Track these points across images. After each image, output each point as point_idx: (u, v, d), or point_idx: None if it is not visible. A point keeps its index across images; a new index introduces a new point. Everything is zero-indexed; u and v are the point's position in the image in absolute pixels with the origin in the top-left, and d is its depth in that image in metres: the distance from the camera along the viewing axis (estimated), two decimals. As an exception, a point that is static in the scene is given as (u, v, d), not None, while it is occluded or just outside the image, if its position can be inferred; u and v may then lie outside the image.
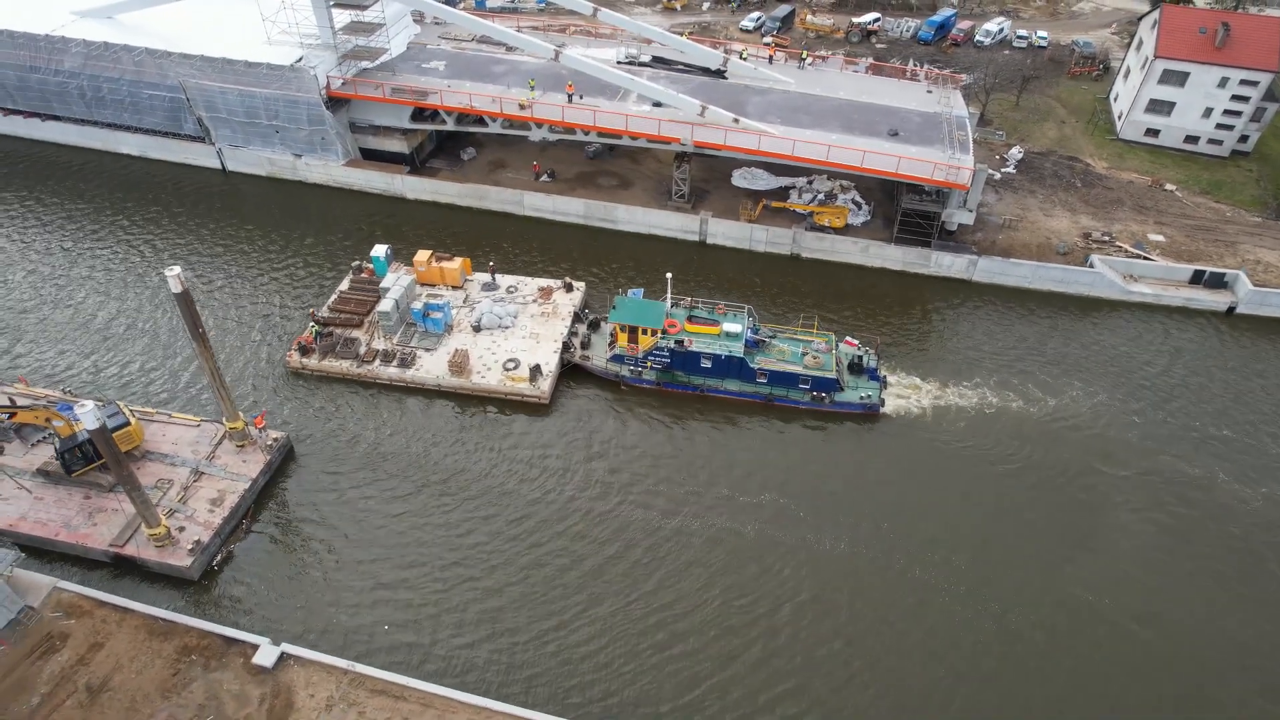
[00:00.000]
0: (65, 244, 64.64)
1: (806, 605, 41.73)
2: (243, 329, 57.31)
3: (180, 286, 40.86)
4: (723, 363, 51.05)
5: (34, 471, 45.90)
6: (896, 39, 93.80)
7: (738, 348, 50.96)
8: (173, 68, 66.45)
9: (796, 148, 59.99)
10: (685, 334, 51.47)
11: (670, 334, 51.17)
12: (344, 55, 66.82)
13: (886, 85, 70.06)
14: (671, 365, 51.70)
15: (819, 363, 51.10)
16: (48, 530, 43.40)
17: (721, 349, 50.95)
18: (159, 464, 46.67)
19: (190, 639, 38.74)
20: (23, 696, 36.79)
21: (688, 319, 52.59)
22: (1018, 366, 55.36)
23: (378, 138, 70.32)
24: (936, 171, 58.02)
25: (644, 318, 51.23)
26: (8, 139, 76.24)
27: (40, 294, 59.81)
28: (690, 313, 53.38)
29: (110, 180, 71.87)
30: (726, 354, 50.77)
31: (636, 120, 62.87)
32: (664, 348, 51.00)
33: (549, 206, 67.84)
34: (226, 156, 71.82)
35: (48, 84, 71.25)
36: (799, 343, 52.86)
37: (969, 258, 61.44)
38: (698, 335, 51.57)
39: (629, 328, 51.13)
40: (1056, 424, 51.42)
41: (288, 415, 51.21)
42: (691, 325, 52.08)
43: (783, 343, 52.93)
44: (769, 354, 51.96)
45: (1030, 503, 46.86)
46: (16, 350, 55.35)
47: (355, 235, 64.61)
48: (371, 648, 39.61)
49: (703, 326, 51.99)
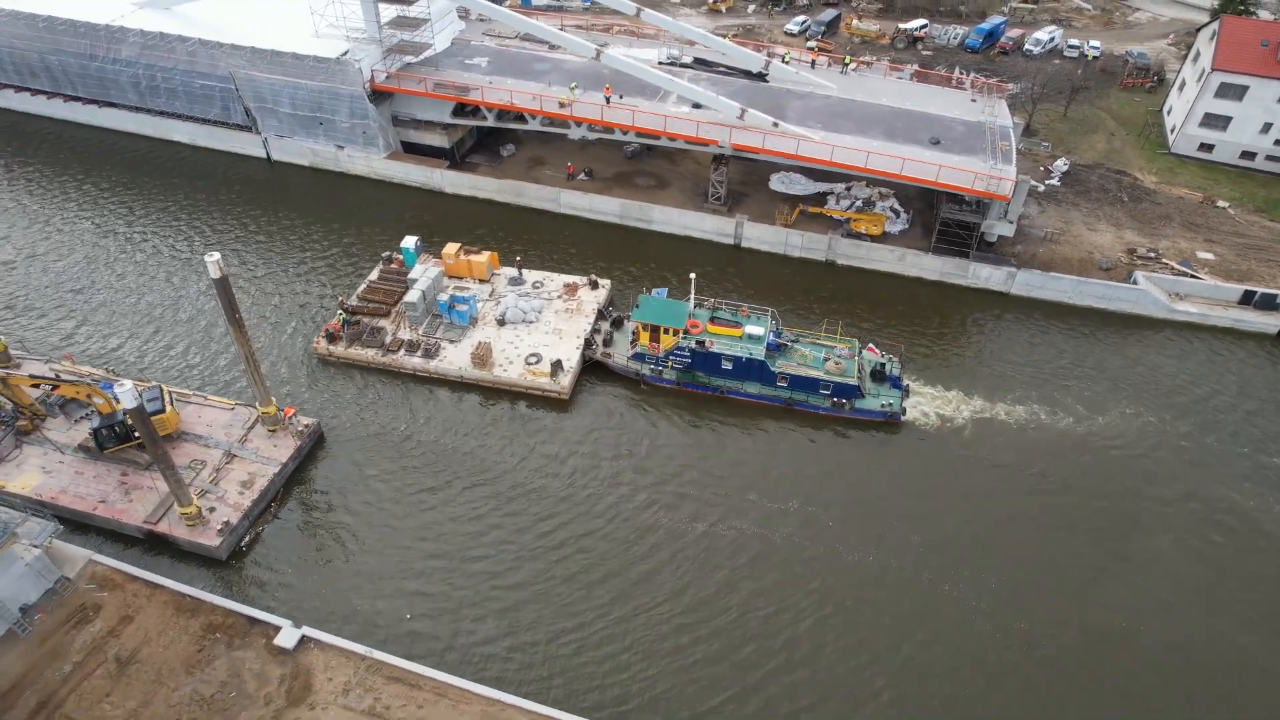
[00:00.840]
0: (117, 228, 66.55)
1: (831, 618, 41.13)
2: (278, 315, 58.48)
3: (219, 272, 41.82)
4: (743, 365, 50.91)
5: (75, 447, 47.36)
6: (943, 46, 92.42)
7: (759, 350, 50.77)
8: (224, 58, 68.08)
9: (835, 153, 59.44)
10: (707, 335, 51.42)
11: (692, 334, 51.13)
12: (389, 49, 67.82)
13: (930, 93, 69.10)
14: (692, 365, 51.67)
15: (840, 368, 50.71)
16: (86, 504, 44.72)
17: (743, 351, 50.80)
18: (193, 445, 47.82)
19: (216, 617, 39.64)
20: (56, 664, 37.98)
21: (710, 320, 52.52)
22: (1055, 382, 54.23)
23: (419, 132, 71.22)
24: (977, 181, 57.07)
25: (666, 317, 51.34)
26: (69, 124, 78.82)
27: (92, 276, 61.69)
28: (713, 314, 53.31)
29: (161, 167, 73.81)
30: (747, 356, 50.60)
31: (675, 121, 62.83)
32: (685, 348, 51.02)
33: (585, 205, 68.11)
34: (272, 146, 73.34)
35: (106, 72, 73.45)
36: (821, 348, 52.56)
37: (1008, 270, 60.34)
38: (719, 336, 51.52)
39: (651, 326, 51.30)
40: (1095, 442, 50.23)
41: (311, 400, 52.07)
42: (714, 326, 52.02)
43: (805, 347, 52.63)
44: (790, 358, 51.71)
45: (1065, 522, 45.81)
46: (67, 329, 57.12)
47: (393, 227, 65.39)
48: (390, 635, 40.09)
49: (725, 328, 51.90)
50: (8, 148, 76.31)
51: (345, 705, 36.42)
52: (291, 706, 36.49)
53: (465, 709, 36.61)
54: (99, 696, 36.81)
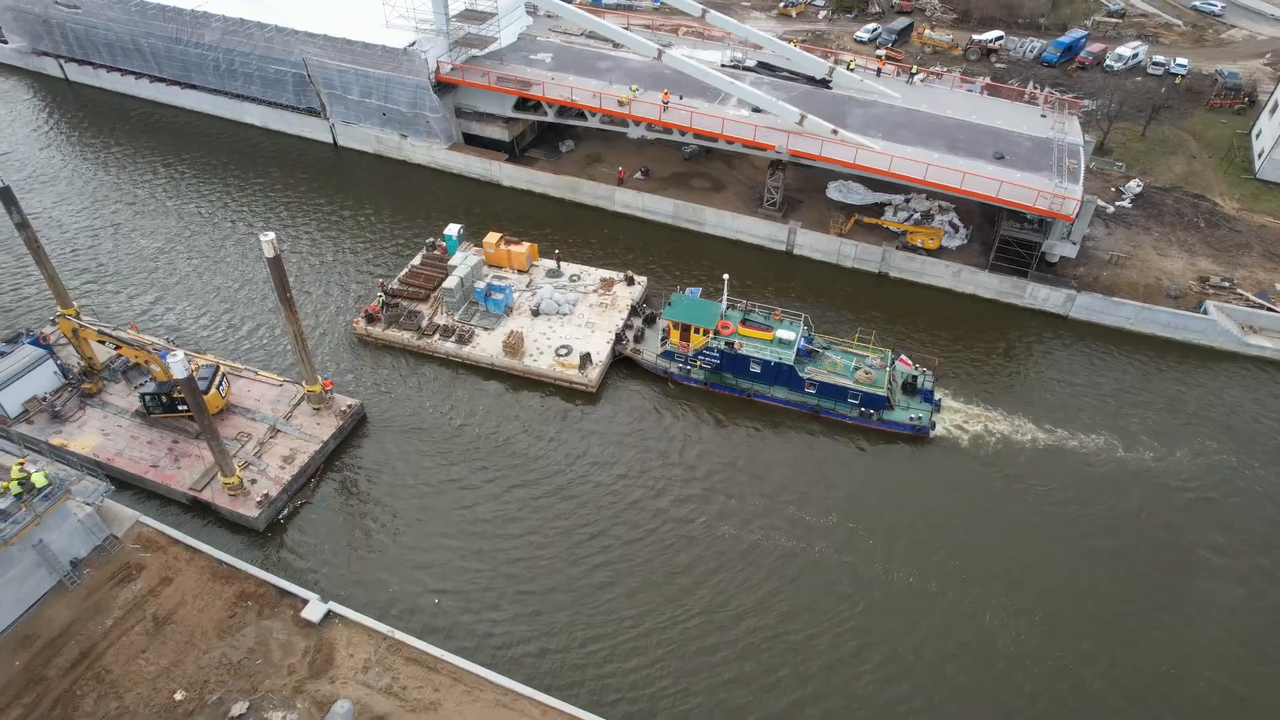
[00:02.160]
0: (193, 205, 69.34)
1: (871, 647, 39.96)
2: (326, 296, 60.25)
3: (272, 251, 43.14)
4: (772, 369, 50.47)
5: (133, 413, 49.46)
6: (1018, 59, 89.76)
7: (789, 355, 50.26)
8: (297, 45, 70.25)
9: (894, 164, 58.28)
10: (737, 336, 51.08)
11: (722, 335, 50.86)
12: (455, 42, 68.98)
13: (998, 106, 67.18)
14: (720, 367, 51.44)
15: (870, 378, 49.89)
16: (139, 468, 46.68)
17: (772, 355, 50.35)
18: (241, 418, 49.46)
19: (248, 586, 40.93)
20: (99, 617, 39.74)
21: (742, 322, 52.21)
22: (1110, 411, 52.20)
23: (481, 124, 72.31)
24: (1040, 199, 55.28)
25: (698, 316, 51.26)
26: (154, 104, 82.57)
27: (165, 250, 64.38)
28: (745, 316, 52.97)
29: (234, 147, 76.63)
30: (776, 360, 50.15)
31: (733, 124, 62.43)
32: (714, 348, 50.82)
33: (639, 204, 68.21)
34: (339, 132, 75.39)
35: (189, 55, 76.56)
36: (852, 356, 51.85)
37: (1067, 292, 58.27)
38: (749, 339, 51.17)
39: (682, 325, 51.29)
40: (1151, 477, 48.15)
41: (354, 381, 53.49)
42: (745, 329, 51.68)
43: (836, 355, 51.98)
44: (820, 365, 51.12)
45: (1113, 557, 44.01)
46: (138, 299, 59.81)
47: (447, 216, 66.19)
48: (415, 618, 40.76)
49: (756, 331, 51.56)
50: (105, 124, 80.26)
51: (364, 682, 37.22)
52: (313, 678, 37.45)
53: (480, 696, 37.05)
54: (135, 652, 38.39)
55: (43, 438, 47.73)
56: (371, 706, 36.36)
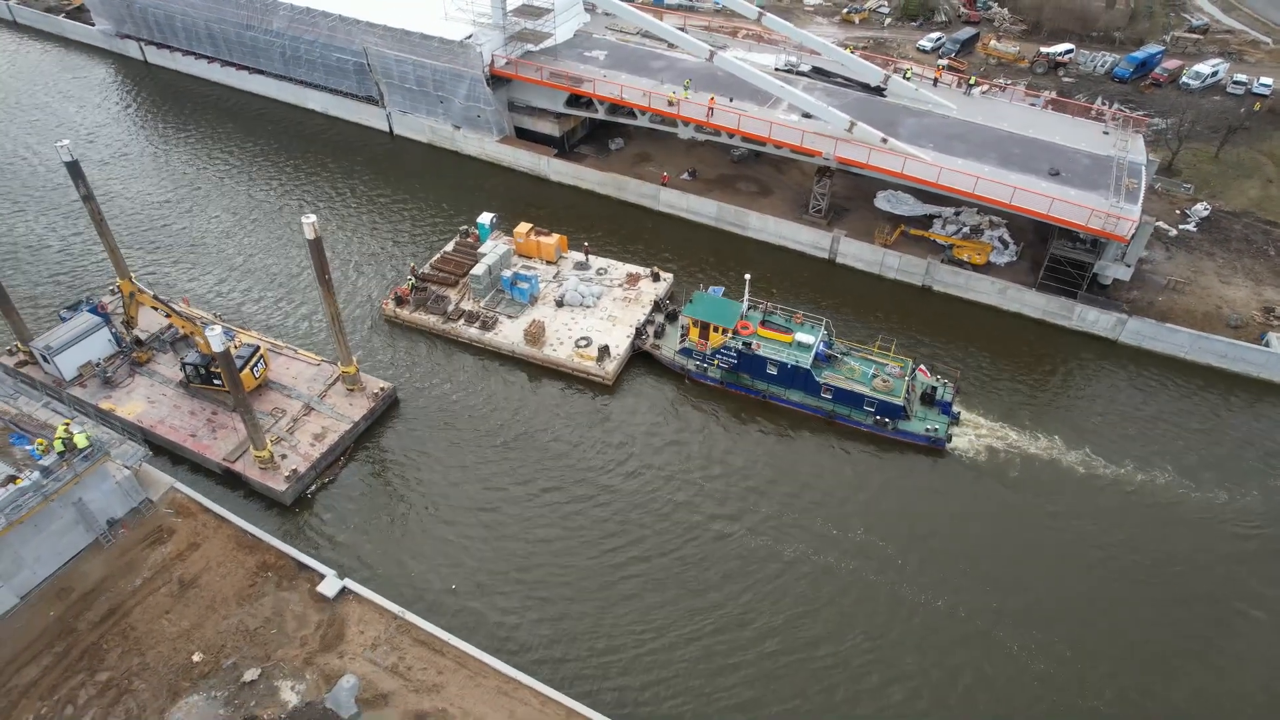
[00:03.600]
0: (253, 187, 71.70)
1: (899, 681, 38.79)
2: (363, 278, 61.82)
3: (313, 234, 44.29)
4: (788, 372, 50.05)
5: (177, 383, 51.36)
6: (1088, 74, 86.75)
7: (806, 359, 49.76)
8: (359, 34, 72.05)
9: (942, 175, 57.03)
10: (755, 337, 50.75)
11: (741, 335, 50.58)
12: (510, 36, 69.85)
13: (1057, 121, 65.15)
14: (737, 367, 51.22)
15: (888, 387, 49.03)
16: (178, 436, 48.46)
17: (789, 358, 49.90)
18: (278, 394, 50.94)
19: (270, 557, 42.16)
20: (129, 576, 41.44)
21: (761, 323, 51.82)
22: (1154, 442, 50.12)
23: (532, 119, 73.08)
24: (1093, 219, 53.42)
25: (717, 315, 51.20)
26: (224, 88, 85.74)
27: (225, 229, 66.88)
28: (765, 317, 52.54)
29: (296, 131, 79.03)
30: (793, 363, 49.71)
31: (780, 129, 61.84)
32: (732, 348, 50.61)
33: (683, 204, 68.08)
34: (395, 120, 77.04)
35: (258, 41, 79.23)
36: (871, 364, 51.04)
37: (1118, 316, 56.15)
38: (767, 340, 50.82)
39: (701, 323, 51.30)
40: (1194, 514, 46.10)
41: (375, 356, 54.84)
42: (764, 330, 51.31)
43: (855, 361, 51.28)
44: (838, 370, 50.48)
45: (1150, 593, 42.31)
46: (194, 273, 62.18)
47: (493, 208, 66.99)
48: (428, 602, 41.37)
49: (776, 333, 51.20)
50: (178, 105, 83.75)
51: (371, 659, 38.00)
52: (323, 651, 38.39)
53: (482, 683, 37.48)
54: (159, 612, 39.91)
55: (93, 401, 49.97)
56: (376, 684, 37.11)
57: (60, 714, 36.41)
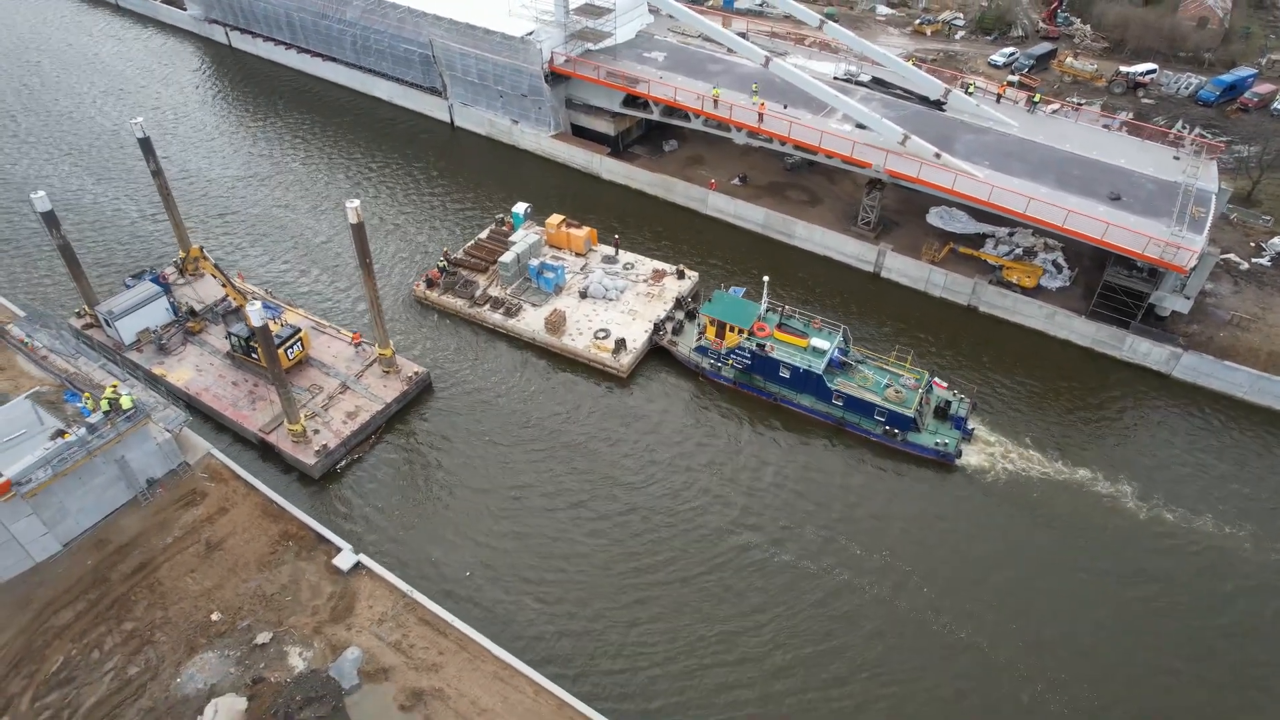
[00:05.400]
0: (317, 169, 74.40)
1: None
2: (402, 262, 63.55)
3: (356, 219, 45.73)
4: (800, 376, 49.82)
5: (224, 354, 53.65)
6: (1170, 96, 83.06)
7: (818, 364, 49.42)
8: (426, 26, 73.99)
9: (994, 194, 55.50)
10: (770, 340, 50.63)
11: (757, 336, 50.47)
12: (571, 34, 70.66)
13: (1123, 143, 62.62)
14: (751, 368, 51.25)
15: (900, 397, 48.30)
16: (219, 404, 50.64)
17: (802, 362, 49.63)
18: (317, 371, 52.74)
19: (293, 527, 43.75)
20: (161, 534, 43.57)
21: (778, 326, 51.56)
22: (1203, 484, 47.71)
23: (589, 116, 73.81)
24: (1150, 247, 51.25)
25: (735, 315, 51.42)
26: (300, 73, 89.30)
27: (288, 206, 69.60)
28: (783, 320, 52.30)
29: (362, 118, 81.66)
30: (805, 368, 49.43)
31: (831, 138, 61.08)
32: (746, 349, 50.64)
33: (730, 210, 67.85)
34: (456, 112, 78.85)
35: (332, 30, 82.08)
36: (886, 373, 50.39)
37: (1172, 350, 53.73)
38: (782, 344, 50.64)
39: (718, 322, 51.60)
40: (1248, 567, 43.76)
41: (419, 345, 56.34)
42: (781, 333, 51.07)
43: (869, 370, 50.63)
44: (851, 378, 49.95)
45: (1174, 643, 40.51)
46: (255, 251, 64.92)
47: (540, 201, 67.82)
48: (439, 584, 42.21)
49: (791, 337, 50.96)
50: (260, 89, 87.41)
51: (376, 634, 39.10)
52: (332, 622, 39.68)
53: (480, 667, 38.19)
54: (185, 571, 41.86)
55: (147, 366, 52.63)
56: (379, 658, 38.19)
57: (87, 657, 38.52)
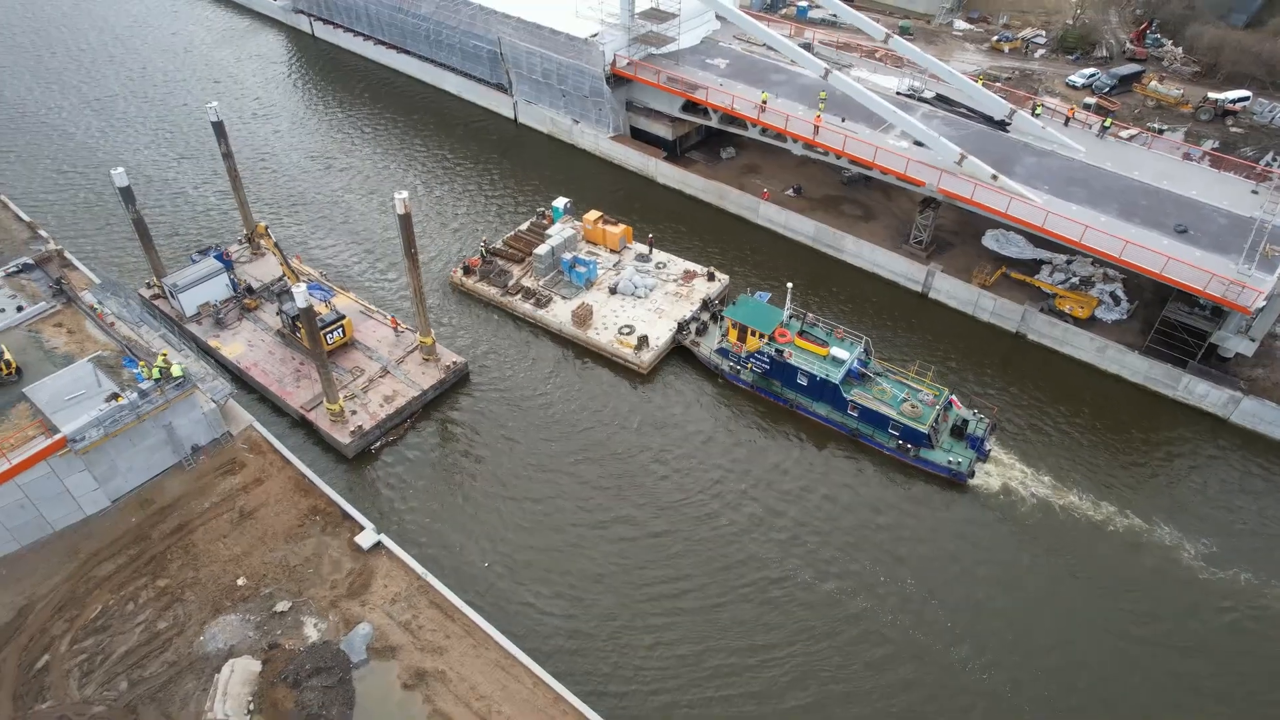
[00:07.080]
0: (386, 158, 76.79)
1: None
2: (454, 255, 64.93)
3: (404, 209, 47.14)
4: (817, 384, 49.77)
5: (275, 331, 55.96)
6: (1262, 125, 78.97)
7: (836, 373, 49.19)
8: (495, 24, 75.64)
9: (1049, 220, 53.85)
10: (789, 346, 50.60)
11: (777, 342, 50.54)
12: (635, 38, 71.21)
13: (1197, 174, 59.88)
14: (769, 373, 51.43)
15: (916, 412, 47.72)
16: (267, 380, 52.85)
17: (820, 370, 49.51)
18: (360, 354, 54.55)
19: (321, 502, 45.44)
20: (200, 499, 45.81)
21: (799, 333, 51.50)
22: (1260, 539, 45.45)
23: (648, 120, 74.26)
24: (1212, 284, 48.99)
25: (757, 320, 51.62)
26: (376, 64, 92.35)
27: (353, 191, 72.16)
28: (805, 328, 52.24)
29: (431, 110, 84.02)
30: (823, 377, 49.28)
31: (886, 154, 60.13)
32: (765, 354, 50.84)
33: (781, 220, 67.43)
34: (520, 110, 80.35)
35: (406, 24, 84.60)
36: (905, 387, 49.88)
37: (1232, 393, 51.23)
38: (801, 351, 50.57)
39: (740, 326, 51.90)
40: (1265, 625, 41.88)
41: (443, 322, 58.25)
42: (800, 340, 51.00)
43: (887, 383, 50.22)
44: (868, 389, 49.57)
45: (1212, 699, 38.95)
46: (319, 233, 67.45)
47: (591, 200, 68.45)
48: (456, 571, 43.13)
49: (812, 345, 50.79)
50: (338, 78, 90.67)
51: (388, 613, 40.34)
52: (349, 598, 41.10)
53: (483, 653, 39.05)
54: (218, 536, 43.92)
55: (204, 338, 55.29)
56: (387, 635, 39.41)
57: (123, 609, 40.81)
